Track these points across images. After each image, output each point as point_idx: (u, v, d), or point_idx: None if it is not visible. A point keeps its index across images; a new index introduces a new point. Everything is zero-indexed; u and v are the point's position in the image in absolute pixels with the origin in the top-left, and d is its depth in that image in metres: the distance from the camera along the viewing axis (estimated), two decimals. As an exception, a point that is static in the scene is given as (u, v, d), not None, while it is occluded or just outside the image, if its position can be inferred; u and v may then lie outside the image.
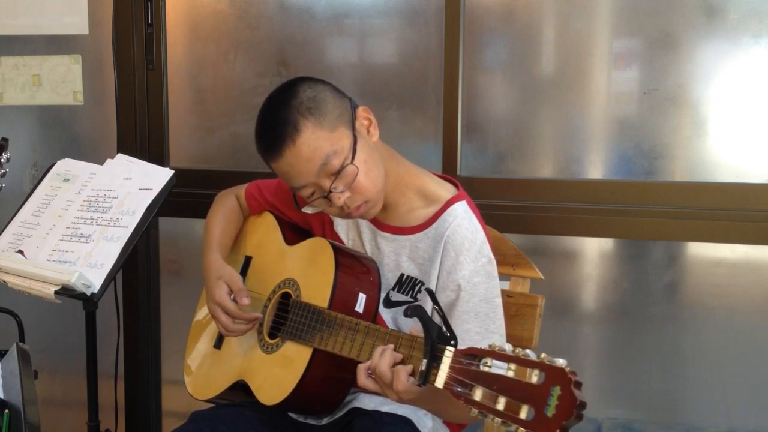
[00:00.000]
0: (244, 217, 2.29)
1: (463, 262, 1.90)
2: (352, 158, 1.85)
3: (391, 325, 1.97)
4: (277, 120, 1.86)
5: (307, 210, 1.93)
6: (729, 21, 2.51)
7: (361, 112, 1.92)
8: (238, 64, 2.93)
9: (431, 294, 1.68)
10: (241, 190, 2.28)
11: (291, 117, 1.84)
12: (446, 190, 1.99)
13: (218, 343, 2.17)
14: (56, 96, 3.04)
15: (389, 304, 2.00)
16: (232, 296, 2.03)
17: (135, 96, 2.95)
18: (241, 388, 2.04)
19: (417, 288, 1.97)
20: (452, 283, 1.90)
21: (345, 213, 1.91)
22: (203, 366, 2.21)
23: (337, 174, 1.84)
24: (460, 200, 1.96)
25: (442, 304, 1.75)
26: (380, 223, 2.02)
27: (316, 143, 1.83)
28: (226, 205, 2.26)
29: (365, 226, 2.05)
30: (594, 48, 2.67)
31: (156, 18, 2.93)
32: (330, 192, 1.86)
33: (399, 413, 1.93)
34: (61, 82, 3.03)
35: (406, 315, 1.61)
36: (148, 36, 2.94)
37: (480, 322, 1.90)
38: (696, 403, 2.68)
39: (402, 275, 1.99)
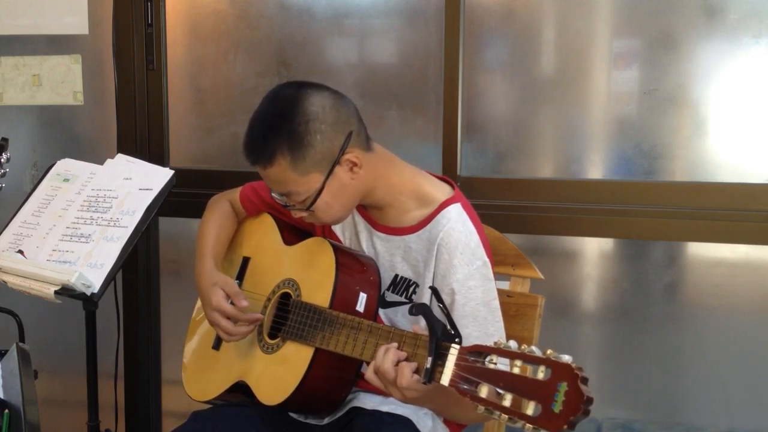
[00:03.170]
0: (239, 220, 2.28)
1: (457, 265, 1.89)
2: (313, 201, 1.88)
3: (388, 325, 1.98)
4: (261, 134, 1.87)
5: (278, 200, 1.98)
6: (729, 21, 2.51)
7: (351, 157, 1.88)
8: (238, 64, 2.93)
9: (435, 291, 1.67)
10: (235, 194, 2.26)
11: (270, 145, 1.85)
12: (441, 191, 1.98)
13: (217, 344, 2.16)
14: (56, 96, 3.04)
15: (384, 304, 1.99)
16: (229, 300, 2.03)
17: (135, 96, 2.95)
18: (241, 389, 2.04)
19: (411, 289, 1.97)
20: (446, 287, 1.89)
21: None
22: (201, 367, 2.20)
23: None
24: (455, 202, 1.95)
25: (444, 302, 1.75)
26: (375, 223, 2.02)
27: (282, 177, 1.87)
28: (219, 210, 2.25)
29: (362, 225, 2.05)
30: (594, 48, 2.67)
31: (156, 18, 2.92)
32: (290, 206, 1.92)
33: (399, 413, 1.93)
34: (61, 82, 3.02)
35: (411, 313, 1.62)
36: (148, 36, 2.94)
37: (479, 325, 1.89)
38: (696, 403, 2.68)
39: (396, 276, 1.99)
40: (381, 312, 1.99)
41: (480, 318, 1.89)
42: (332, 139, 1.86)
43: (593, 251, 2.74)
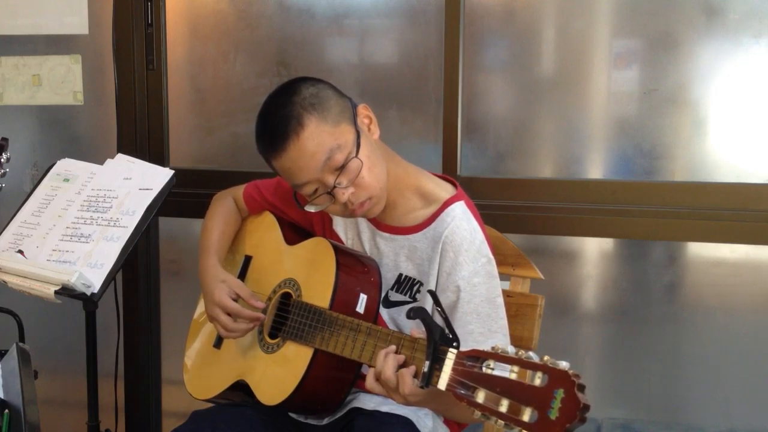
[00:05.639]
0: (242, 218, 2.29)
1: (462, 262, 1.90)
2: (356, 152, 1.86)
3: (389, 325, 1.97)
4: (280, 116, 1.86)
5: (310, 209, 1.93)
6: (729, 21, 2.51)
7: (362, 109, 1.93)
8: (238, 64, 2.93)
9: (433, 295, 1.67)
10: (239, 191, 2.27)
11: (294, 112, 1.85)
12: (445, 190, 1.99)
13: (218, 343, 2.17)
14: (56, 96, 3.04)
15: (388, 303, 2.00)
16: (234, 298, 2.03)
17: (135, 96, 2.95)
18: (241, 388, 2.04)
19: (415, 288, 1.97)
20: (452, 284, 1.90)
21: (348, 211, 1.90)
22: (203, 366, 2.20)
23: (341, 168, 1.85)
24: (459, 200, 1.96)
25: (442, 306, 1.75)
26: (379, 223, 2.02)
27: (320, 138, 1.84)
28: (224, 207, 2.25)
29: (364, 225, 2.05)
30: (594, 48, 2.67)
31: (156, 18, 2.92)
32: (334, 187, 1.86)
33: (399, 413, 1.93)
34: (61, 82, 3.02)
35: (408, 317, 1.61)
36: (148, 36, 2.94)
37: (482, 322, 1.89)
38: (696, 403, 2.68)
39: (400, 275, 1.99)
40: (385, 312, 1.99)
41: (483, 315, 1.90)
42: (341, 97, 1.92)
43: (593, 251, 2.74)
